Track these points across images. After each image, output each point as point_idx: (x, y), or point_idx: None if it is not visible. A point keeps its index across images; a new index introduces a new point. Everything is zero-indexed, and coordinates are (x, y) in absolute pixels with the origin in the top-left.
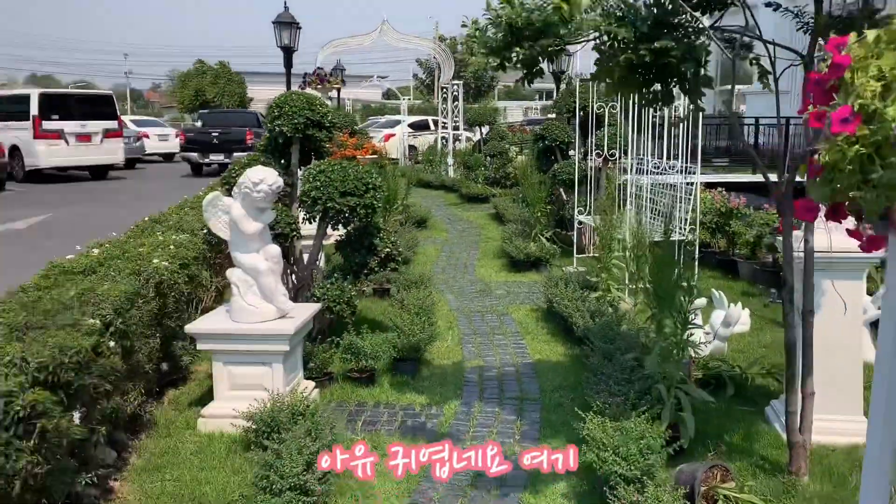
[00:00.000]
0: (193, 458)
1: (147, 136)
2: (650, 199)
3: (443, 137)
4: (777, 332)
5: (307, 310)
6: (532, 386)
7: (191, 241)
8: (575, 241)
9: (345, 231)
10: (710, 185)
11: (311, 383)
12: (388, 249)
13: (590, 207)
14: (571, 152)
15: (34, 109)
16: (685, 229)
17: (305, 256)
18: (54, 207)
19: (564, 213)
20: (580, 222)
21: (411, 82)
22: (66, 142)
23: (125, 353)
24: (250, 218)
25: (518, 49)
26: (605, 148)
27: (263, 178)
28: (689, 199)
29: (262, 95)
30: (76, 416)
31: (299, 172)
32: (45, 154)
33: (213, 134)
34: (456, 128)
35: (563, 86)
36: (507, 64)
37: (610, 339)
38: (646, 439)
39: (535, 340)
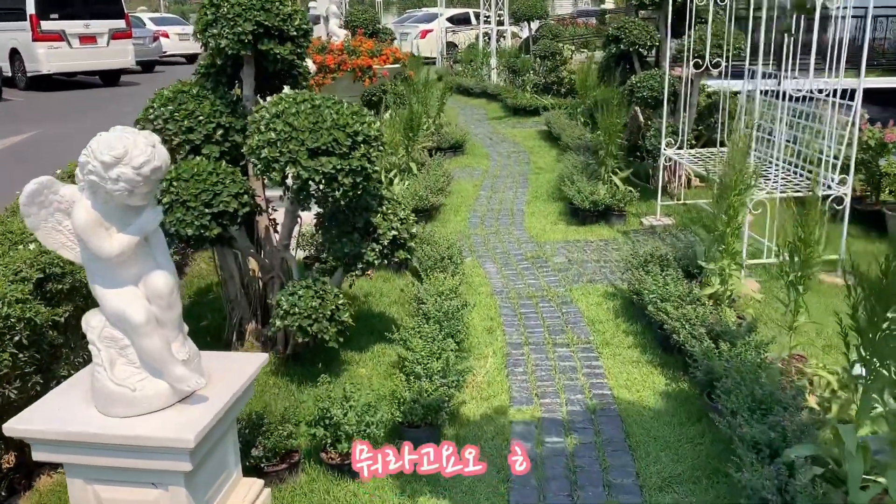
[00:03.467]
0: None
1: (166, 36)
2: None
3: (485, 34)
4: None
5: (236, 378)
6: (624, 473)
7: None
8: (660, 182)
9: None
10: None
11: (258, 483)
12: (394, 233)
13: (682, 137)
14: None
15: (31, 7)
16: (833, 178)
17: (277, 234)
18: (47, 122)
19: (644, 143)
20: (668, 158)
21: None
22: (69, 44)
23: None
24: (112, 226)
25: None
26: (708, 53)
27: (123, 153)
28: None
29: None
30: None
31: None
32: (45, 58)
33: None
34: (500, 23)
35: None
36: None
37: (760, 404)
38: None
39: (618, 359)
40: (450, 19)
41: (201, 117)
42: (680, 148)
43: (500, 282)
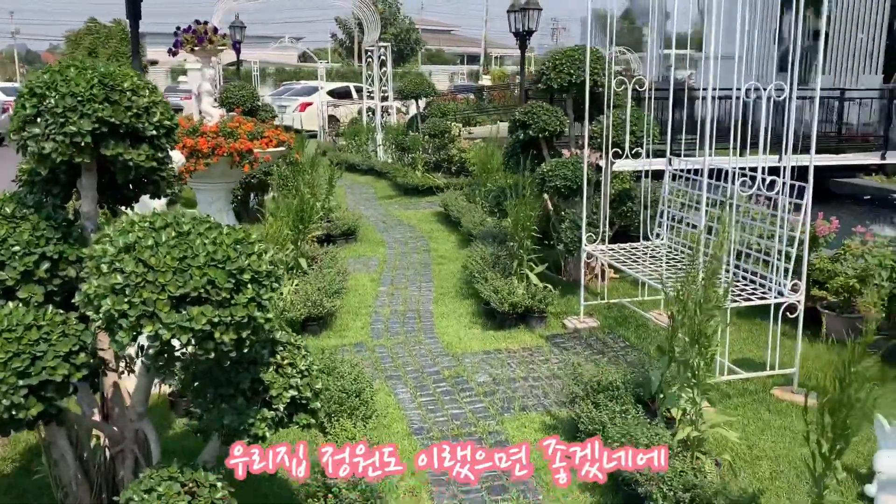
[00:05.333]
0: None
1: None
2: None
3: (369, 109)
4: None
5: None
6: None
7: None
8: (582, 281)
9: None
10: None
11: None
12: (293, 392)
13: (603, 230)
14: (568, 150)
15: None
16: (785, 284)
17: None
18: None
19: (561, 235)
20: (589, 254)
21: (329, 44)
22: None
23: None
24: None
25: None
26: (628, 142)
27: None
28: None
29: (166, 58)
30: None
31: (109, 229)
32: None
33: None
34: (384, 98)
35: (529, 52)
36: None
37: None
38: None
39: None
40: (330, 93)
41: (17, 247)
42: (601, 242)
43: (417, 414)
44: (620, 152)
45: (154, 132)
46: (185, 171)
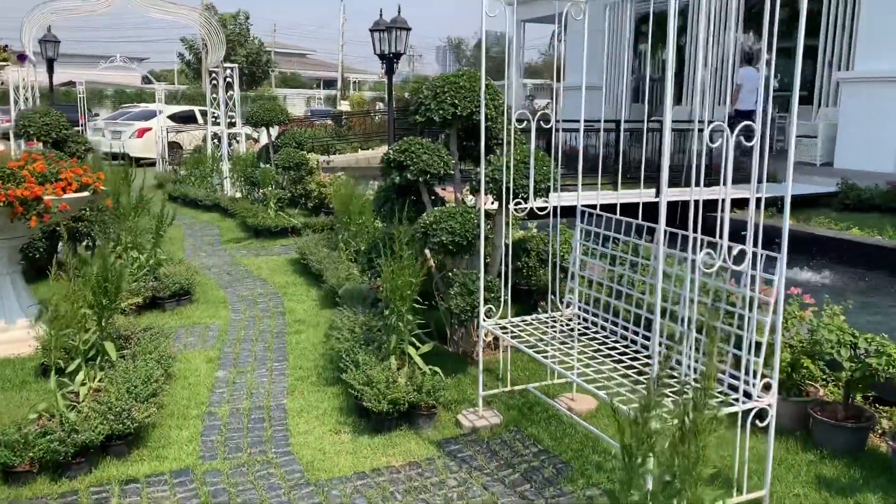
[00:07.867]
0: None
1: None
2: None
3: (214, 136)
4: None
5: None
6: None
7: None
8: (481, 364)
9: None
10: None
11: None
12: None
13: (502, 297)
14: (443, 189)
15: None
16: (755, 384)
17: None
18: None
19: (448, 302)
20: (488, 332)
21: (176, 65)
22: None
23: None
24: None
25: None
26: (532, 190)
27: None
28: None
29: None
30: None
31: None
32: None
33: None
34: (232, 124)
35: (397, 76)
36: None
37: None
38: None
39: None
40: (172, 117)
41: None
42: (502, 317)
43: None
44: (523, 201)
45: None
46: None
